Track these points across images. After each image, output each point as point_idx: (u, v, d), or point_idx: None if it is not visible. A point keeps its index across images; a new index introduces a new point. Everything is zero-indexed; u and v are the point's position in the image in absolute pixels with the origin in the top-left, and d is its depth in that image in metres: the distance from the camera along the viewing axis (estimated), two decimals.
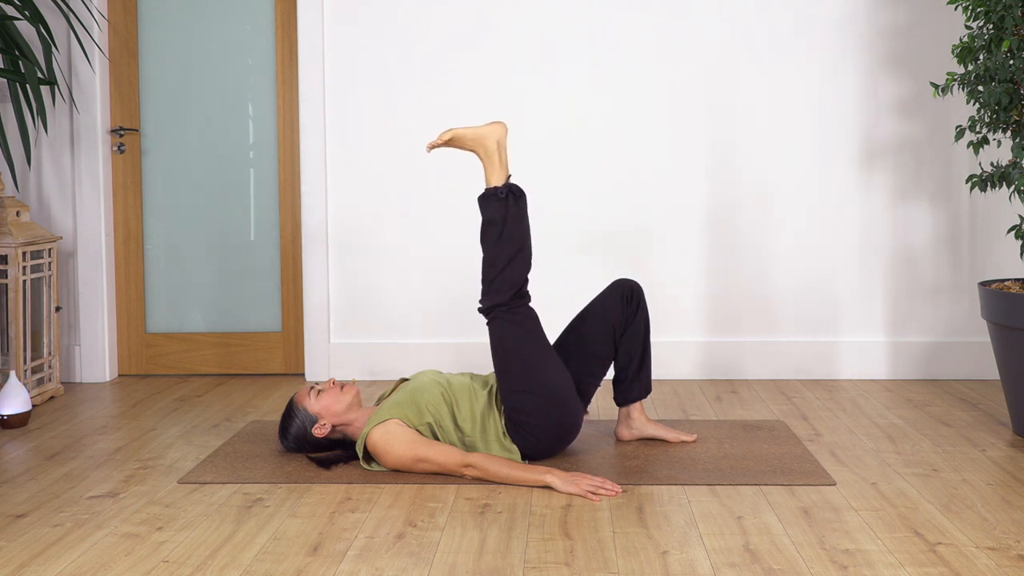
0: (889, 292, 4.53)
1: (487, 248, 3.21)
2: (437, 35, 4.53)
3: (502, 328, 3.19)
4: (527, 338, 3.18)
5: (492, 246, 3.20)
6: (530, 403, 3.16)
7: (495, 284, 3.20)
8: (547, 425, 3.18)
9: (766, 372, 4.54)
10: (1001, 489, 3.00)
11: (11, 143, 4.57)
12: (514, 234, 3.19)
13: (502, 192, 3.20)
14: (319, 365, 4.62)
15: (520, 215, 3.20)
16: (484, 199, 3.22)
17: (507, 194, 3.20)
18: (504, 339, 3.19)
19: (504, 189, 3.21)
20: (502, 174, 3.25)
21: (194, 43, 4.66)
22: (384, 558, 2.51)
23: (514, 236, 3.19)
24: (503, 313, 3.19)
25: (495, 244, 3.20)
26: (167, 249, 4.73)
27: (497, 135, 3.25)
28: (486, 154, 3.25)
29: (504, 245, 3.19)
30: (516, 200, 3.20)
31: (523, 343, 3.18)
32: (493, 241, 3.20)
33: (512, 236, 3.19)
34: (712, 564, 2.46)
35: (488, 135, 3.25)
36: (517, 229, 3.20)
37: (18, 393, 3.78)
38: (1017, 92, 3.51)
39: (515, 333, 3.18)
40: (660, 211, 4.53)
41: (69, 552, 2.58)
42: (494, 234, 3.20)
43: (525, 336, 3.18)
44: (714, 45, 4.49)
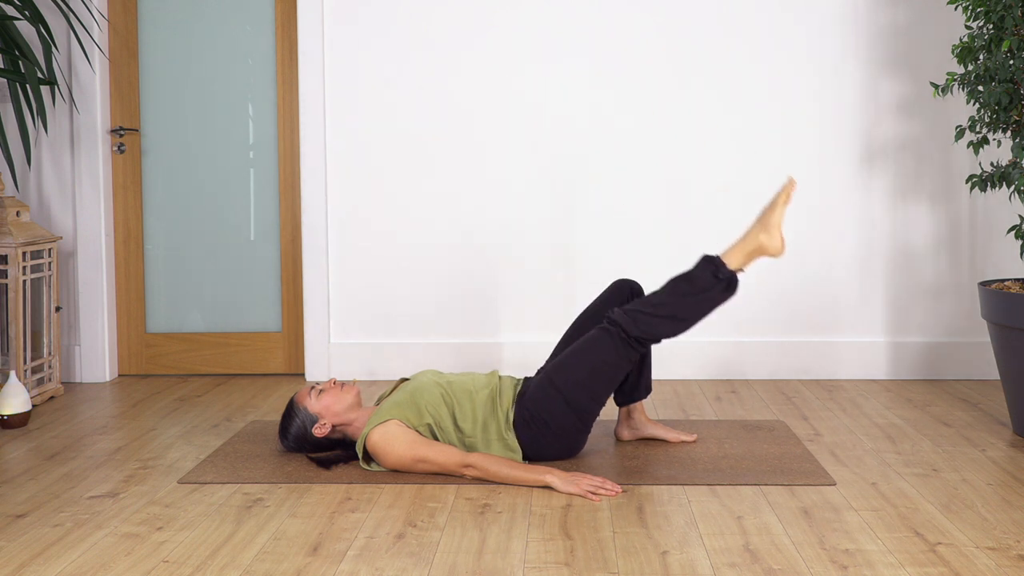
0: (889, 292, 4.53)
1: (669, 292, 3.18)
2: (437, 35, 4.53)
3: (605, 342, 3.18)
4: (611, 368, 3.18)
5: (674, 295, 3.18)
6: (558, 408, 3.17)
7: (642, 318, 3.17)
8: (558, 433, 3.20)
9: (766, 372, 4.54)
10: (1001, 489, 3.00)
11: (11, 143, 4.57)
12: (695, 307, 3.17)
13: (723, 274, 3.17)
14: (319, 365, 4.62)
15: (715, 302, 3.18)
16: (706, 261, 3.19)
17: (726, 280, 3.17)
18: (596, 350, 3.18)
19: (728, 274, 3.18)
20: (739, 263, 3.21)
21: (194, 43, 4.66)
22: (384, 558, 2.51)
23: (694, 308, 3.17)
24: (619, 335, 3.18)
25: (677, 296, 3.17)
26: (167, 249, 4.73)
27: (774, 246, 3.21)
28: (753, 237, 3.21)
29: (681, 304, 3.16)
30: (725, 289, 3.17)
31: (605, 366, 3.18)
32: (679, 293, 3.18)
33: (693, 307, 3.17)
34: (712, 564, 2.46)
35: (773, 237, 3.20)
36: (701, 307, 3.17)
37: (18, 393, 3.78)
38: (1017, 92, 3.51)
39: (610, 355, 3.18)
40: (660, 210, 4.53)
41: (69, 552, 2.58)
42: (684, 290, 3.17)
43: (612, 365, 3.18)
44: (714, 44, 4.49)
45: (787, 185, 3.23)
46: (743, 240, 3.23)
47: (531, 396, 3.20)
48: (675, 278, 3.20)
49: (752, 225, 3.25)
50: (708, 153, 4.52)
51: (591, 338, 3.21)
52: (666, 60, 4.50)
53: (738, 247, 3.23)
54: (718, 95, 4.50)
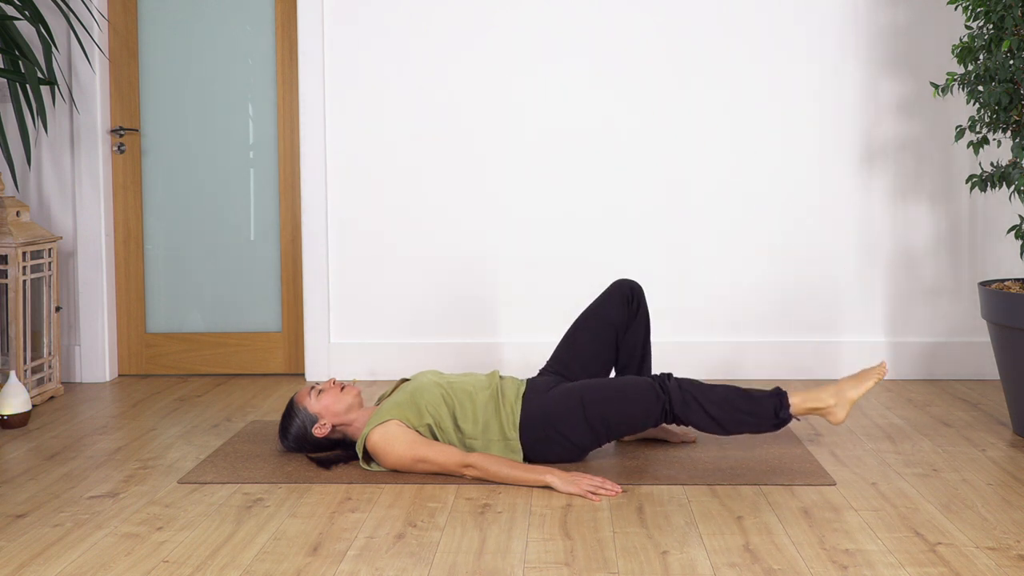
0: (889, 292, 4.53)
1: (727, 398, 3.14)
2: (437, 35, 4.53)
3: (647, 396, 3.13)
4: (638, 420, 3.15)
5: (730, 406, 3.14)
6: (578, 427, 3.16)
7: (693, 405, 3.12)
8: (566, 444, 3.19)
9: (766, 372, 4.54)
10: (1001, 489, 3.00)
11: (11, 143, 4.57)
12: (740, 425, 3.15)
13: (783, 415, 3.15)
14: (319, 365, 4.62)
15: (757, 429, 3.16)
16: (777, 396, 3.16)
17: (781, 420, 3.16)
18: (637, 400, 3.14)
19: (787, 417, 3.16)
20: (799, 411, 3.18)
21: (194, 43, 4.66)
22: (384, 558, 2.51)
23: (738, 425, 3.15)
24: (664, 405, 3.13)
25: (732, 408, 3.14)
26: (167, 249, 4.73)
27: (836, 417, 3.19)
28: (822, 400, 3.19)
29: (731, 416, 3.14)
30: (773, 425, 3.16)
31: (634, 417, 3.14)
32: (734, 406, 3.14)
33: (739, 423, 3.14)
34: (712, 564, 2.46)
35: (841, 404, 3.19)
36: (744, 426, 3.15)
37: (18, 393, 3.78)
38: (1017, 92, 3.51)
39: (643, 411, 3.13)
40: (660, 210, 4.53)
41: (69, 552, 2.58)
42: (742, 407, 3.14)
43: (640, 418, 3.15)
44: (714, 44, 4.49)
45: (880, 369, 3.21)
46: (816, 393, 3.20)
47: (552, 398, 3.18)
48: (741, 390, 3.17)
49: (835, 384, 3.22)
50: (708, 153, 4.52)
51: (638, 386, 3.16)
52: (666, 60, 4.50)
53: (807, 397, 3.19)
54: (718, 95, 4.50)
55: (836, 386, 3.22)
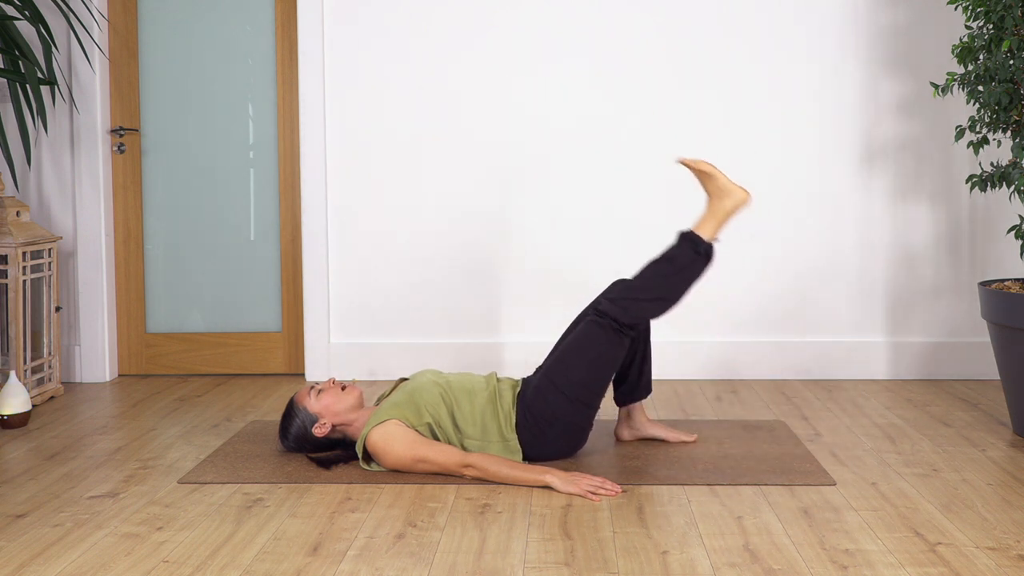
0: (889, 292, 4.53)
1: (650, 274, 3.20)
2: (437, 35, 4.53)
3: (598, 335, 3.19)
4: (608, 359, 3.19)
5: (655, 276, 3.19)
6: (561, 406, 3.17)
7: (629, 304, 3.19)
8: (561, 433, 3.19)
9: (766, 372, 4.54)
10: (1001, 489, 3.00)
11: (11, 143, 4.57)
12: (680, 284, 3.19)
13: (703, 247, 3.19)
14: (319, 365, 4.62)
15: (697, 274, 3.20)
16: (684, 238, 3.21)
17: (705, 252, 3.19)
18: (591, 344, 3.19)
19: (706, 246, 3.20)
20: (714, 232, 3.23)
21: (194, 43, 4.66)
22: (384, 558, 2.51)
23: (677, 286, 3.19)
24: (611, 324, 3.19)
25: (659, 278, 3.19)
26: (167, 249, 4.73)
27: (739, 200, 3.23)
28: (719, 206, 3.23)
29: (667, 284, 3.18)
30: (705, 262, 3.19)
31: (602, 359, 3.19)
32: (660, 274, 3.19)
33: (676, 284, 3.18)
34: (712, 564, 2.46)
35: (733, 194, 3.23)
36: (685, 283, 3.19)
37: (18, 393, 3.78)
38: (1017, 92, 3.51)
39: (605, 347, 3.19)
40: (660, 210, 4.53)
41: (69, 552, 2.58)
42: (666, 270, 3.19)
43: (608, 356, 3.19)
44: (714, 44, 4.49)
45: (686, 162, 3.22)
46: (710, 213, 3.24)
47: (532, 397, 3.20)
48: (656, 260, 3.22)
49: (709, 201, 3.25)
50: (708, 153, 4.51)
51: (584, 333, 3.21)
52: (666, 60, 4.50)
53: (708, 217, 3.24)
54: (718, 95, 4.50)
55: (711, 199, 3.23)
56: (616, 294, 3.22)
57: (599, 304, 3.23)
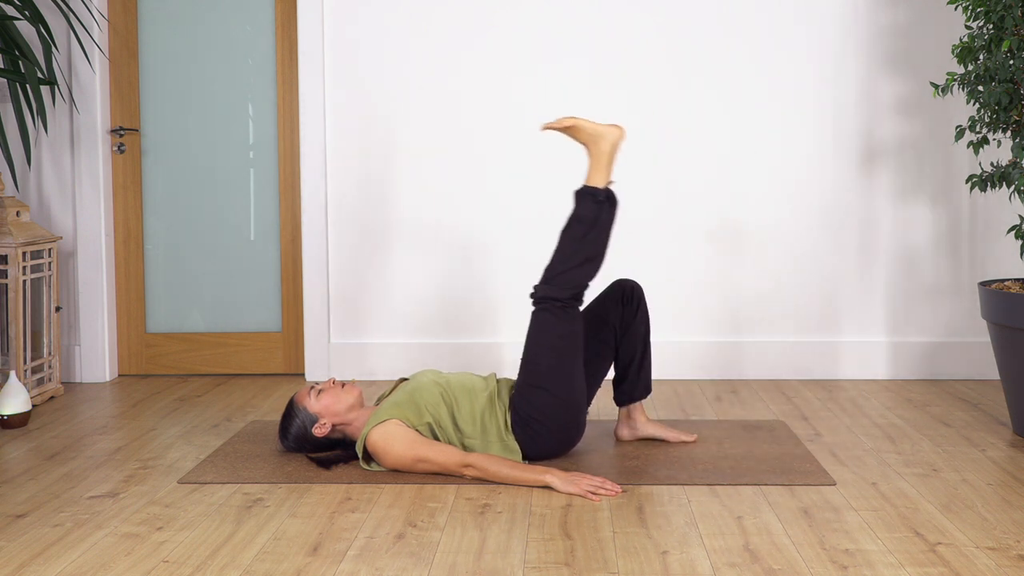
0: (889, 292, 4.53)
1: (565, 242, 3.19)
2: (437, 35, 4.53)
3: (546, 320, 3.18)
4: (568, 338, 3.18)
5: (572, 242, 3.18)
6: (545, 401, 3.16)
7: (560, 278, 3.18)
8: (554, 427, 3.18)
9: (766, 372, 4.54)
10: (1001, 489, 3.00)
11: (11, 143, 4.57)
12: (597, 238, 3.18)
13: (601, 195, 3.18)
14: (319, 365, 4.62)
15: (609, 222, 3.19)
16: (581, 195, 3.19)
17: (605, 198, 3.18)
18: (544, 331, 3.18)
19: (604, 193, 3.19)
20: (605, 177, 3.22)
21: (194, 43, 4.66)
22: (384, 558, 2.51)
23: (596, 240, 3.18)
24: (554, 306, 3.18)
25: (576, 242, 3.18)
26: (167, 249, 4.73)
27: (613, 138, 3.22)
28: (597, 152, 3.22)
29: (584, 245, 3.17)
30: (610, 207, 3.18)
31: (562, 340, 3.17)
32: (575, 238, 3.18)
33: (595, 240, 3.17)
34: (712, 564, 2.46)
35: (605, 136, 3.21)
36: (601, 235, 3.18)
37: (18, 393, 3.78)
38: (1017, 92, 3.51)
39: (557, 329, 3.17)
40: (660, 210, 4.53)
41: (69, 552, 2.58)
42: (579, 232, 3.18)
43: (567, 335, 3.18)
44: (714, 44, 4.49)
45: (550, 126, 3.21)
46: (593, 160, 3.22)
47: (516, 399, 3.20)
48: (566, 228, 3.19)
49: (588, 151, 3.23)
50: (708, 153, 4.51)
51: (536, 324, 3.19)
52: (666, 60, 4.50)
53: (593, 167, 3.22)
54: (718, 95, 4.50)
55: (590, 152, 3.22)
56: (545, 276, 3.20)
57: (535, 292, 3.21)
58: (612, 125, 3.22)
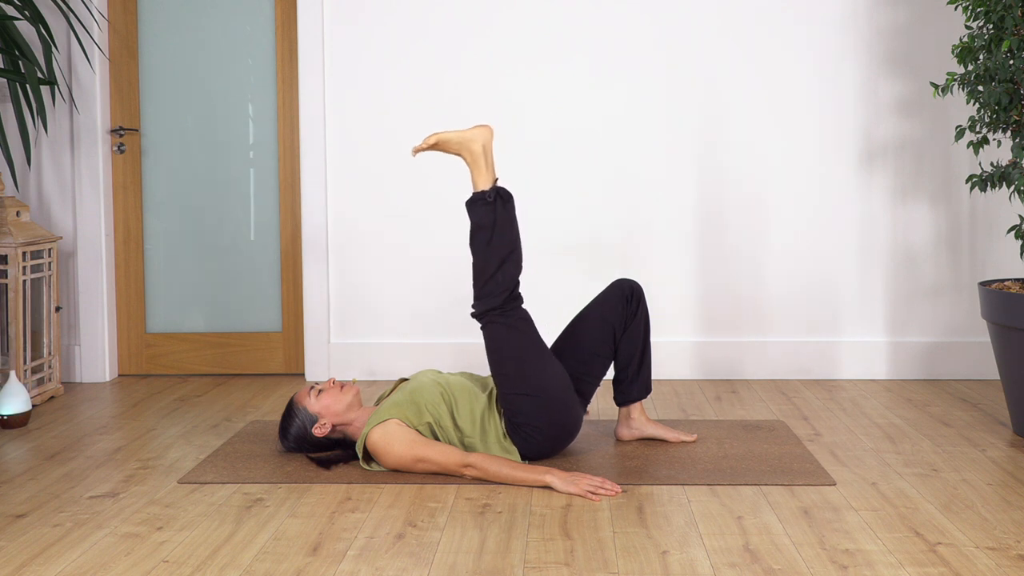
0: (889, 292, 4.53)
1: (477, 253, 3.18)
2: (436, 35, 4.53)
3: (496, 332, 3.18)
4: (522, 340, 3.17)
5: (482, 251, 3.17)
6: (528, 405, 3.16)
7: (487, 288, 3.17)
8: (546, 426, 3.18)
9: (766, 372, 4.54)
10: (1001, 489, 3.00)
11: (11, 143, 4.57)
12: (504, 237, 3.16)
13: (490, 196, 3.17)
14: (319, 365, 4.62)
15: (509, 218, 3.17)
16: (472, 204, 3.19)
17: (495, 198, 3.17)
18: (499, 343, 3.17)
19: (492, 193, 3.17)
20: (489, 178, 3.21)
21: (194, 43, 4.66)
22: (384, 558, 2.51)
23: (504, 239, 3.16)
24: (496, 317, 3.17)
25: (485, 248, 3.16)
26: (167, 249, 4.73)
27: (482, 138, 3.21)
28: (472, 158, 3.21)
29: (494, 249, 3.16)
30: (504, 203, 3.17)
31: (518, 346, 3.17)
32: (483, 246, 3.17)
33: (502, 240, 3.16)
34: (712, 564, 2.46)
35: (473, 139, 3.20)
36: (506, 232, 3.17)
37: (18, 393, 3.78)
38: (1017, 92, 3.51)
39: (509, 336, 3.17)
40: (660, 211, 4.53)
41: (69, 552, 2.58)
42: (483, 239, 3.16)
43: (520, 339, 3.17)
44: (713, 45, 4.49)
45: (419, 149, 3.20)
46: (472, 166, 3.21)
47: (504, 409, 3.20)
48: (471, 240, 3.18)
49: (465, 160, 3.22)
50: (708, 153, 4.51)
51: (487, 341, 3.19)
52: (666, 60, 4.50)
53: (474, 173, 3.21)
54: (718, 95, 4.50)
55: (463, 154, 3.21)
56: (475, 292, 3.19)
57: (473, 311, 3.20)
58: (477, 126, 3.21)
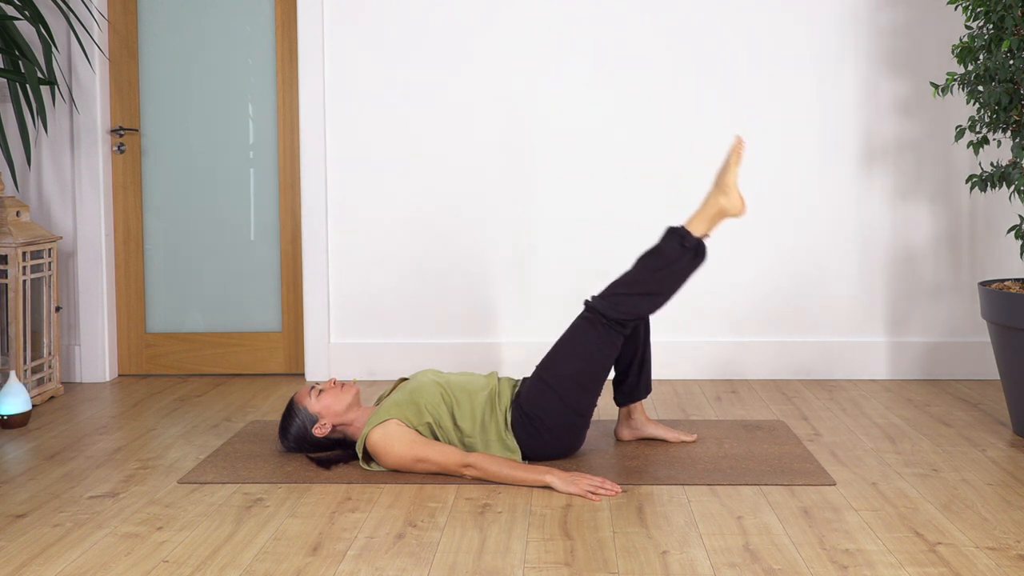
0: (889, 292, 4.53)
1: (640, 270, 3.18)
2: (437, 35, 4.53)
3: (586, 330, 3.18)
4: (598, 356, 3.18)
5: (645, 272, 3.18)
6: (553, 404, 3.17)
7: (618, 300, 3.17)
8: (556, 430, 3.19)
9: (766, 372, 4.54)
10: (1001, 489, 3.00)
11: (11, 143, 4.57)
12: (668, 280, 3.16)
13: (690, 242, 3.18)
14: (319, 365, 4.62)
15: (686, 271, 3.18)
16: (672, 232, 3.19)
17: (693, 247, 3.18)
18: (582, 339, 3.18)
19: (694, 242, 3.18)
20: (705, 229, 3.22)
21: (194, 43, 4.66)
22: (384, 558, 2.51)
23: (667, 281, 3.16)
24: (601, 321, 3.18)
25: (648, 272, 3.17)
26: (167, 249, 4.73)
27: (734, 206, 3.22)
28: (713, 201, 3.22)
29: (654, 279, 3.16)
30: (694, 257, 3.18)
31: (592, 355, 3.17)
32: (650, 269, 3.18)
33: (665, 280, 3.16)
34: (712, 564, 2.46)
35: (732, 197, 3.22)
36: (674, 279, 3.17)
37: (18, 393, 3.78)
38: (1017, 92, 3.51)
39: (595, 343, 3.17)
40: (660, 211, 4.53)
41: (69, 552, 2.58)
42: (654, 265, 3.17)
43: (598, 352, 3.18)
44: (714, 45, 4.49)
45: (736, 145, 3.24)
46: (704, 206, 3.24)
47: (525, 396, 3.20)
48: (644, 255, 3.21)
49: (710, 190, 3.26)
50: (708, 153, 4.52)
51: (574, 329, 3.21)
52: (666, 60, 4.50)
53: (700, 214, 3.24)
54: (718, 95, 4.50)
55: (713, 187, 3.24)
56: (606, 289, 3.21)
57: (590, 300, 3.23)
58: (743, 199, 3.23)
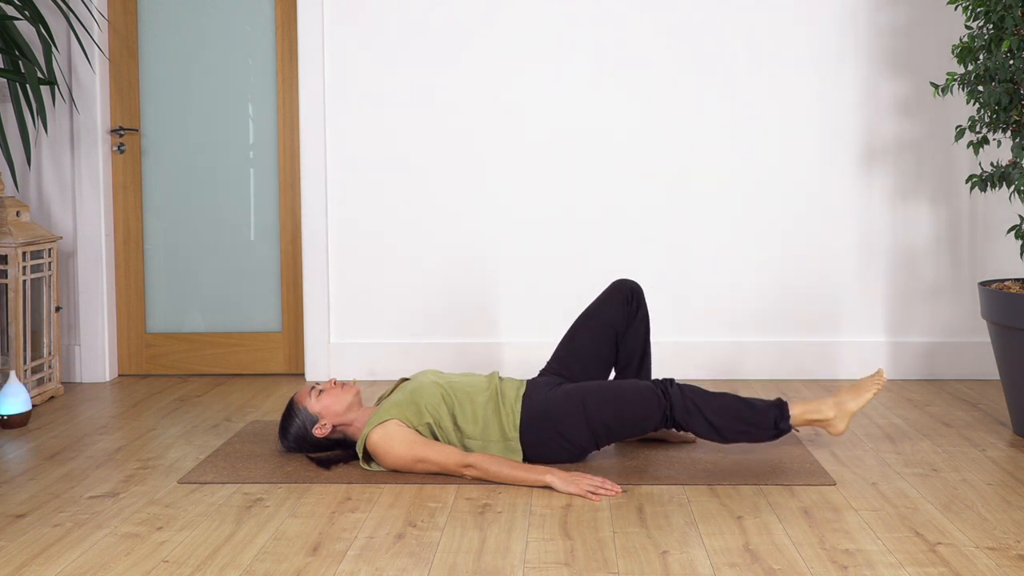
0: (889, 292, 4.53)
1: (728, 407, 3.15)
2: (436, 35, 4.53)
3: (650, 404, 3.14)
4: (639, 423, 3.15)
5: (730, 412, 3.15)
6: (578, 429, 3.16)
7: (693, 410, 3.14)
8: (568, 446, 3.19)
9: (766, 372, 4.54)
10: (1001, 489, 3.00)
11: (11, 143, 4.57)
12: (738, 433, 3.16)
13: (783, 427, 3.18)
14: (319, 365, 4.62)
15: (756, 440, 3.19)
16: (778, 407, 3.18)
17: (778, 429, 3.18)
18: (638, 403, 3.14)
19: (786, 428, 3.18)
20: (798, 422, 3.21)
21: (194, 43, 4.66)
22: (384, 558, 2.51)
23: (737, 433, 3.16)
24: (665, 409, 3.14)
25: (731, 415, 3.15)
26: (167, 249, 4.73)
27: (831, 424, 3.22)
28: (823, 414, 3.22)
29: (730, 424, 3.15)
30: (772, 436, 3.19)
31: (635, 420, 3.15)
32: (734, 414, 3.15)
33: (736, 431, 3.15)
34: (712, 564, 2.46)
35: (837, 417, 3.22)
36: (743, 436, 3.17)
37: (18, 393, 3.78)
38: (1017, 92, 3.51)
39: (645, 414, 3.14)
40: (659, 210, 4.53)
41: (69, 552, 2.58)
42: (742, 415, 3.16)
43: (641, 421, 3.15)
44: (714, 45, 4.49)
45: (878, 378, 3.24)
46: (816, 405, 3.23)
47: (554, 399, 3.18)
48: (742, 398, 3.19)
49: (834, 396, 3.25)
50: (708, 153, 4.52)
51: (639, 389, 3.17)
52: (665, 60, 4.50)
53: (808, 409, 3.23)
54: (718, 95, 4.50)
55: (836, 398, 3.24)
56: (691, 390, 3.17)
57: (671, 384, 3.18)
58: (846, 426, 3.24)
